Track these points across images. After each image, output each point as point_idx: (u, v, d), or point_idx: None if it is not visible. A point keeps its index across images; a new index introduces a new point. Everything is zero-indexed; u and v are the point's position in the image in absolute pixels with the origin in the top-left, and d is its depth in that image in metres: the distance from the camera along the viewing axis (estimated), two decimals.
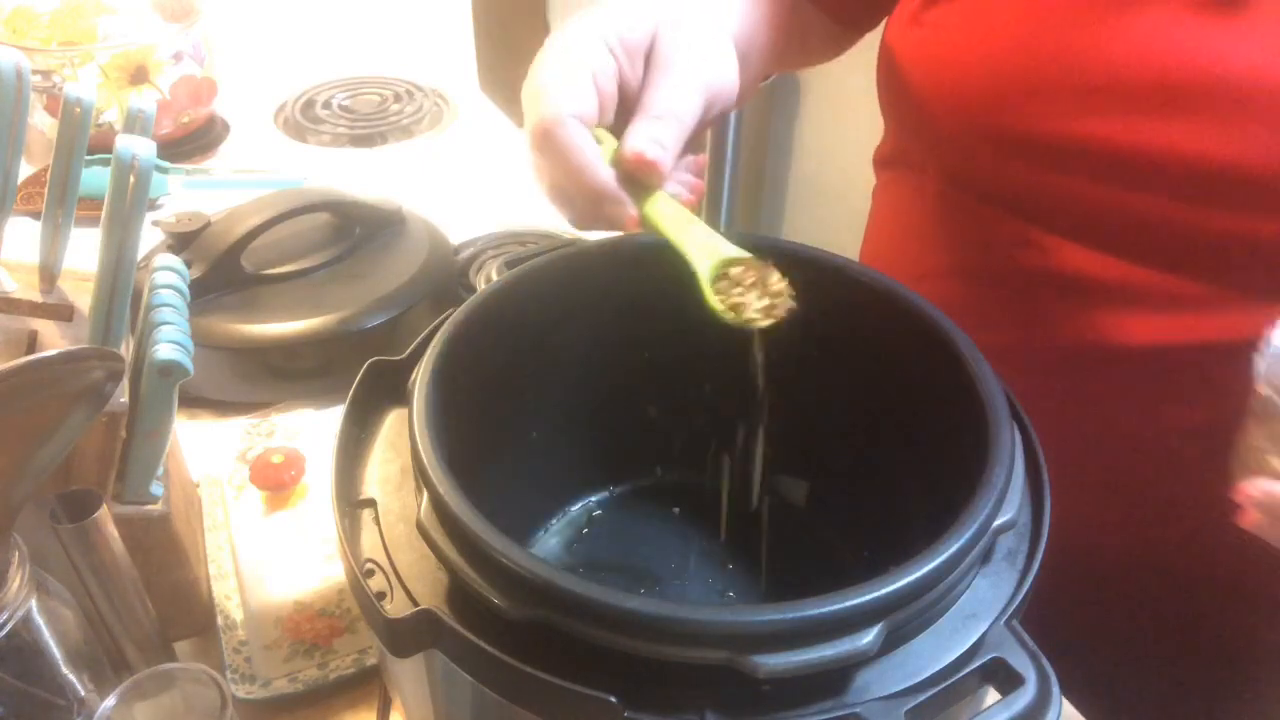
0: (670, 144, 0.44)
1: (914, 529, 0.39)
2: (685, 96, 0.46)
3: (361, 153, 1.09)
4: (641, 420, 0.57)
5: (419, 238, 0.81)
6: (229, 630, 0.55)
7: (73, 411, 0.38)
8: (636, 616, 0.32)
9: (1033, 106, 0.50)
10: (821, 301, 0.50)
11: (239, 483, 0.58)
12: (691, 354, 0.53)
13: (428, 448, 0.38)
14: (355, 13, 1.34)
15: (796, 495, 0.58)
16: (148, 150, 0.44)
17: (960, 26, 0.53)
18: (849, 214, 0.88)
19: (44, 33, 0.97)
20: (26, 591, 0.40)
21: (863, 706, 0.32)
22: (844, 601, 0.32)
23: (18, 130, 0.48)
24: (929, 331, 0.45)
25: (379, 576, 0.38)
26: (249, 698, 0.52)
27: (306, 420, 0.63)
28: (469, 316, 0.45)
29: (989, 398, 0.41)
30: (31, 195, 0.89)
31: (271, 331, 0.70)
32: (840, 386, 0.51)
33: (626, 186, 0.44)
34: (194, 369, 0.45)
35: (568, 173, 0.44)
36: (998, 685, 0.34)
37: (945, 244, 0.60)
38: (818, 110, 2.02)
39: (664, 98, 0.45)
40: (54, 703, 0.43)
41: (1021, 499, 0.40)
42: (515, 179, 1.06)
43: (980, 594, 0.37)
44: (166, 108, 0.99)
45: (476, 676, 0.35)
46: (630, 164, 0.44)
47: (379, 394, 0.45)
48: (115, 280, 0.46)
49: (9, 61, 0.46)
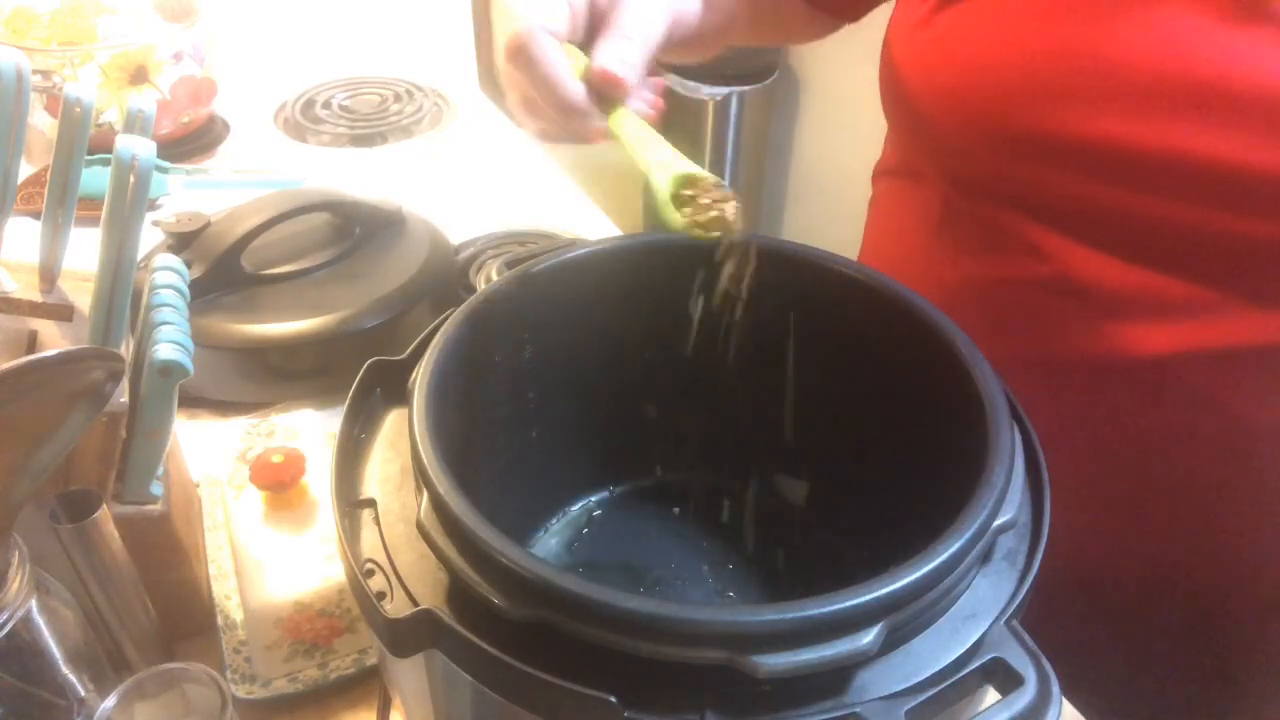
0: (636, 62, 0.47)
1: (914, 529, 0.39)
2: (652, 18, 0.48)
3: (361, 153, 1.09)
4: (641, 420, 0.57)
5: (419, 238, 0.81)
6: (229, 630, 0.55)
7: (73, 411, 0.38)
8: (636, 616, 0.32)
9: (1047, 108, 0.50)
10: (821, 301, 0.50)
11: (239, 483, 0.58)
12: (691, 354, 0.53)
13: (428, 448, 0.38)
14: (355, 13, 1.34)
15: (796, 495, 0.57)
16: (148, 150, 0.44)
17: (972, 29, 0.53)
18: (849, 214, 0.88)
19: (44, 33, 0.97)
20: (26, 591, 0.40)
21: (863, 706, 0.32)
22: (844, 601, 0.32)
23: (18, 130, 0.48)
24: (929, 332, 0.45)
25: (379, 576, 0.38)
26: (249, 698, 0.52)
27: (306, 420, 0.63)
28: (469, 316, 0.45)
29: (989, 398, 0.41)
30: (31, 195, 0.89)
31: (271, 331, 0.70)
32: (840, 386, 0.51)
33: (594, 102, 0.46)
34: (194, 369, 0.45)
35: (538, 84, 0.46)
36: (998, 685, 0.34)
37: (951, 255, 0.59)
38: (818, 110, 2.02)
39: (631, 18, 0.47)
40: (54, 703, 0.43)
41: (1021, 499, 0.40)
42: (515, 179, 1.06)
43: (980, 594, 0.37)
44: (166, 108, 0.99)
45: (476, 676, 0.35)
46: (598, 79, 0.46)
47: (379, 394, 0.45)
48: (115, 280, 0.46)
49: (9, 61, 0.46)
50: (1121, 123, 0.48)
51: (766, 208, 2.20)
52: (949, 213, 0.59)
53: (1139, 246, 0.51)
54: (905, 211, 0.65)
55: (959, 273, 0.59)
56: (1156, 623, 0.64)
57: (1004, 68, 0.51)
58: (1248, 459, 0.55)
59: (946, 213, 0.59)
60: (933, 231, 0.61)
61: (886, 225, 0.69)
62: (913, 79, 0.57)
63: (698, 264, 0.52)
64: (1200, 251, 0.50)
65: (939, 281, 0.60)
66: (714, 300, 0.48)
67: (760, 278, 0.51)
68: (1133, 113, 0.48)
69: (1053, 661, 0.34)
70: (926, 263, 0.62)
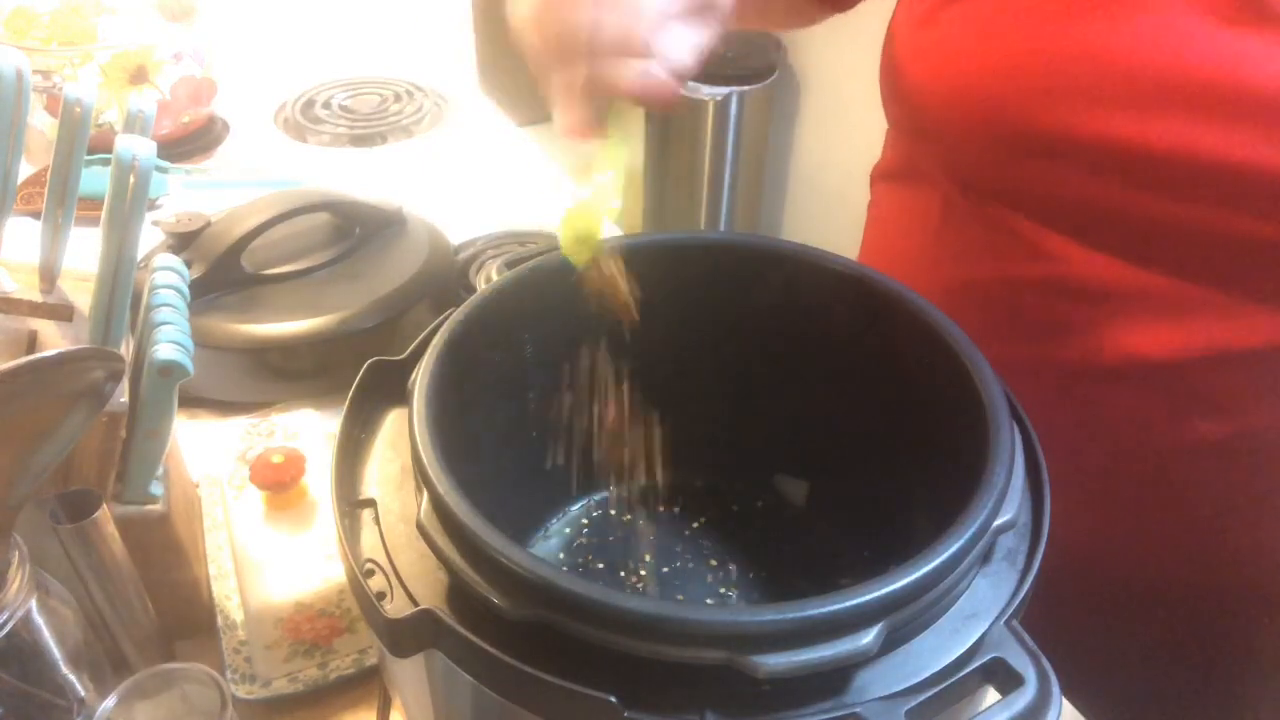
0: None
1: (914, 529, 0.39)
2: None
3: (361, 153, 1.09)
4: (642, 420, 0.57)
5: (419, 238, 0.81)
6: (229, 630, 0.55)
7: (73, 411, 0.38)
8: (636, 616, 0.32)
9: (1050, 107, 0.50)
10: (821, 302, 0.50)
11: (239, 483, 0.58)
12: (691, 354, 0.53)
13: (428, 448, 0.38)
14: (355, 13, 1.34)
15: (796, 495, 0.57)
16: (148, 150, 0.44)
17: (976, 27, 0.53)
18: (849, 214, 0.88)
19: (44, 33, 0.97)
20: (26, 591, 0.40)
21: (863, 706, 0.32)
22: (844, 601, 0.32)
23: (18, 130, 0.48)
24: (929, 332, 0.45)
25: (379, 576, 0.38)
26: (249, 698, 0.52)
27: (306, 420, 0.63)
28: (469, 316, 0.45)
29: (989, 398, 0.41)
30: (31, 195, 0.89)
31: (271, 331, 0.70)
32: (840, 386, 0.51)
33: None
34: (194, 369, 0.45)
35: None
36: (998, 685, 0.34)
37: (952, 256, 0.59)
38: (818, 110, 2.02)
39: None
40: (54, 703, 0.43)
41: (1021, 499, 0.40)
42: (515, 179, 1.06)
43: (980, 594, 0.37)
44: (166, 108, 0.99)
45: (476, 676, 0.35)
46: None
47: (379, 394, 0.45)
48: (115, 280, 0.46)
49: (9, 62, 0.46)
50: (1125, 122, 0.48)
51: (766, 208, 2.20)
52: (949, 214, 0.59)
53: (1141, 247, 0.51)
54: (905, 214, 0.65)
55: (960, 274, 0.59)
56: (1157, 623, 0.64)
57: (1007, 66, 0.51)
58: (1251, 460, 0.55)
59: (947, 214, 0.59)
60: (933, 233, 0.61)
61: (886, 228, 0.69)
62: (915, 76, 0.56)
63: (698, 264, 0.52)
64: (1203, 252, 0.50)
65: (940, 283, 0.60)
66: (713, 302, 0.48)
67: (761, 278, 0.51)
68: (1137, 112, 0.48)
69: (1052, 661, 0.34)
70: (927, 264, 0.61)
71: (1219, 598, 0.61)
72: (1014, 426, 0.41)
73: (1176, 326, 0.52)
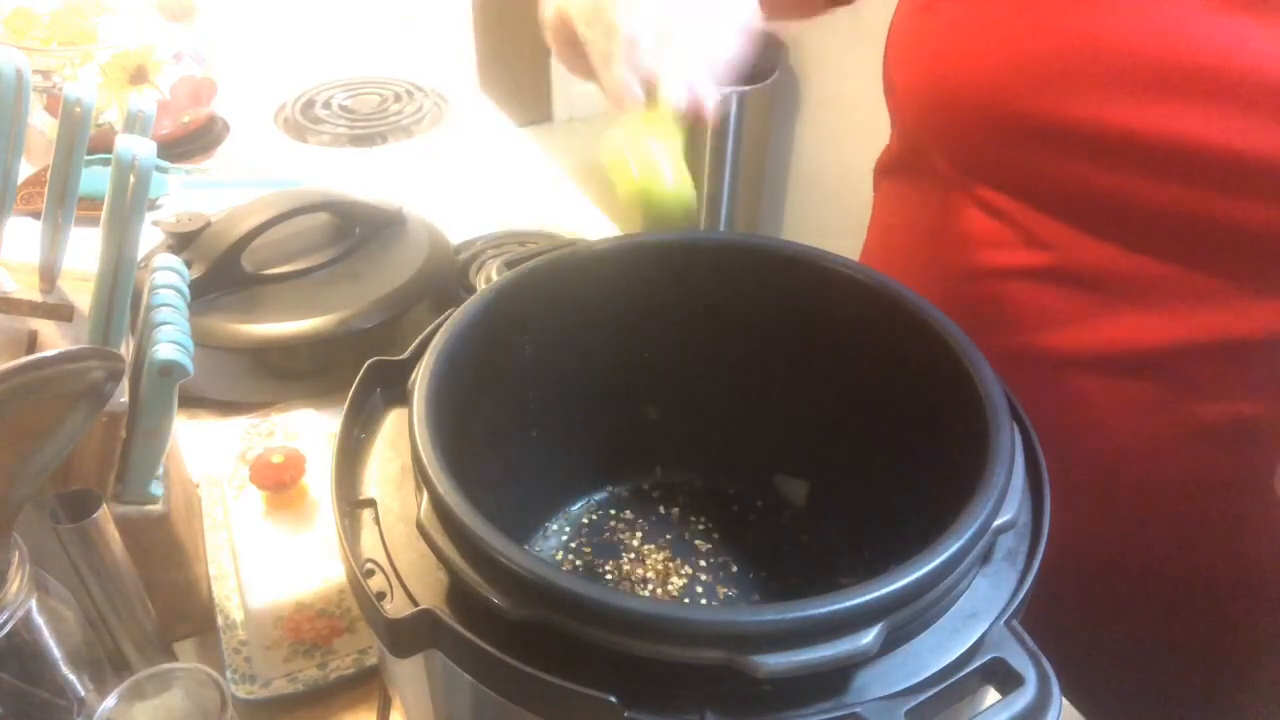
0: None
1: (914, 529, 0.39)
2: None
3: (361, 153, 1.09)
4: (641, 420, 0.57)
5: (419, 238, 0.81)
6: (229, 630, 0.55)
7: (73, 411, 0.38)
8: (636, 616, 0.32)
9: (1048, 94, 0.50)
10: (822, 301, 0.50)
11: (239, 483, 0.58)
12: (691, 354, 0.53)
13: (428, 448, 0.38)
14: (355, 13, 1.34)
15: (796, 495, 0.58)
16: (148, 150, 0.44)
17: (975, 15, 0.53)
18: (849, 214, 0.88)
19: (44, 33, 0.97)
20: (26, 591, 0.40)
21: (863, 706, 0.32)
22: (844, 601, 0.32)
23: (18, 130, 0.48)
24: (929, 332, 0.45)
25: (379, 576, 0.38)
26: (249, 698, 0.52)
27: (306, 420, 0.63)
28: (469, 316, 0.45)
29: (989, 398, 0.41)
30: (31, 195, 0.89)
31: (271, 331, 0.70)
32: (840, 386, 0.51)
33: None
34: (194, 369, 0.45)
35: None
36: (998, 685, 0.34)
37: (953, 248, 0.59)
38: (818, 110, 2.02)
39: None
40: (54, 703, 0.43)
41: (1021, 499, 0.40)
42: (515, 179, 1.06)
43: (980, 594, 0.37)
44: (166, 108, 0.99)
45: (476, 676, 0.35)
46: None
47: (379, 394, 0.45)
48: (115, 280, 0.46)
49: (9, 62, 0.46)
50: (1123, 108, 0.48)
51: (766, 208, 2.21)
52: (950, 205, 0.59)
53: (1140, 234, 0.51)
54: (907, 208, 0.66)
55: (960, 266, 0.59)
56: (1158, 622, 0.64)
57: (1005, 54, 0.51)
58: (1251, 453, 0.55)
59: (948, 205, 0.59)
60: (934, 225, 0.61)
61: (889, 224, 0.69)
62: (914, 64, 0.57)
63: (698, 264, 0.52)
64: (1201, 239, 0.50)
65: (940, 276, 0.60)
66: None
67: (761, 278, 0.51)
68: (1134, 98, 0.48)
69: (1053, 661, 0.34)
70: (928, 258, 0.62)
71: (1218, 594, 0.61)
72: (1014, 426, 0.41)
73: (1173, 313, 0.52)
